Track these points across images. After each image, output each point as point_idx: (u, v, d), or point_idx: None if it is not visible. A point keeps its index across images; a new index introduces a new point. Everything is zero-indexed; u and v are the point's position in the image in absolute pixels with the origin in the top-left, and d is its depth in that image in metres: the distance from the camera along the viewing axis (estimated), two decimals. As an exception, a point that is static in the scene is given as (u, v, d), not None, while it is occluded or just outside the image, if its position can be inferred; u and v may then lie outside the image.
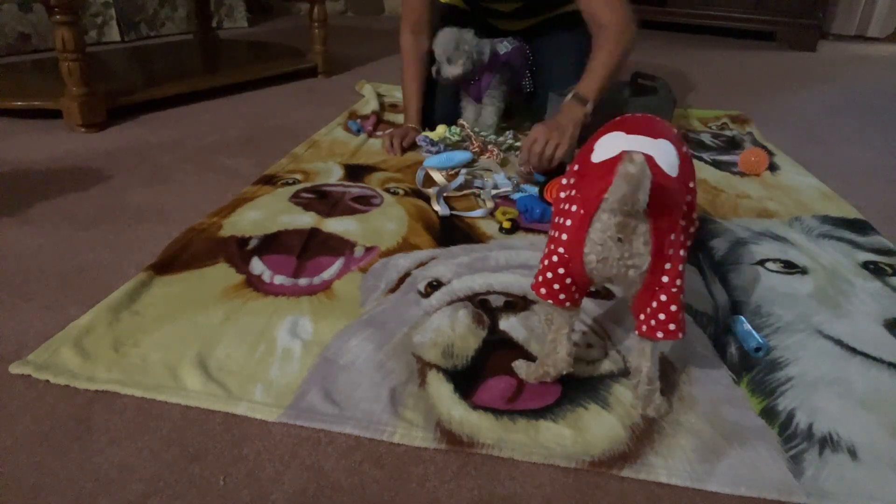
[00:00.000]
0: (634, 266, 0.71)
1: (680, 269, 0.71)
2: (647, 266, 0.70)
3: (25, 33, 2.58)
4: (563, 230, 0.72)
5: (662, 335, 0.72)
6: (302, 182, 1.41)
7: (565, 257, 0.73)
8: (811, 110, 2.25)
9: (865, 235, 1.27)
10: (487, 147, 1.57)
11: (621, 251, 0.70)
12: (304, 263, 1.08)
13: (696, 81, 2.59)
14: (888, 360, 0.90)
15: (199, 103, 1.99)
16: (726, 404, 0.80)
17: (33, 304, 0.95)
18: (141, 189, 1.36)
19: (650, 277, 0.71)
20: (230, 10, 3.35)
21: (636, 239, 0.69)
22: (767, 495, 0.67)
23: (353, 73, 2.48)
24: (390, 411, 0.76)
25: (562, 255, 0.73)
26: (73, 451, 0.70)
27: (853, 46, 3.57)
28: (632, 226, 0.68)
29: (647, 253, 0.70)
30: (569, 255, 0.72)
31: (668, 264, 0.70)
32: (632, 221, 0.68)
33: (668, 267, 0.70)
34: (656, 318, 0.72)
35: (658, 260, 0.70)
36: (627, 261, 0.70)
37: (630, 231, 0.69)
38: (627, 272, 0.71)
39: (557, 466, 0.70)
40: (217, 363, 0.83)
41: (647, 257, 0.70)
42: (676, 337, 0.72)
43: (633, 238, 0.69)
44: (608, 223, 0.69)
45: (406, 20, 1.63)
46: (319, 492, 0.66)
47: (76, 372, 0.80)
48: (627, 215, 0.68)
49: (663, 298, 0.71)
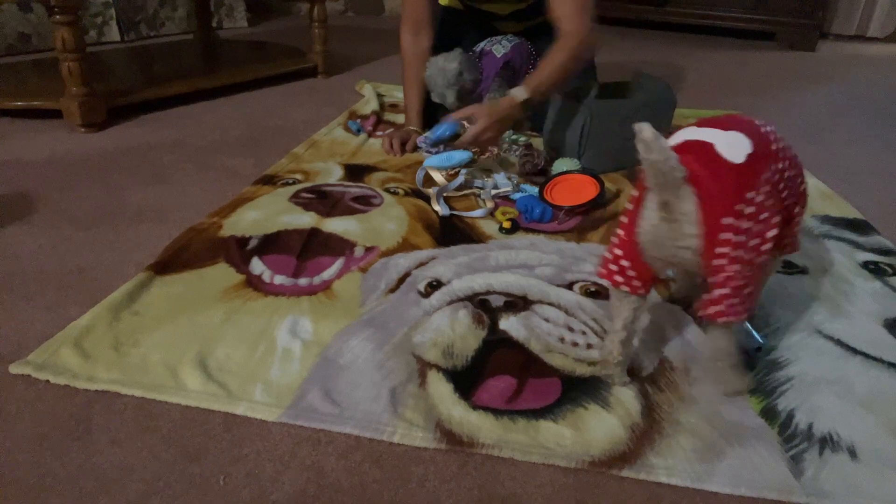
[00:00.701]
0: (686, 248, 0.72)
1: (740, 255, 0.70)
2: (698, 248, 0.71)
3: (25, 33, 2.58)
4: (625, 214, 0.76)
5: (712, 315, 0.73)
6: (302, 182, 1.41)
7: (625, 240, 0.76)
8: (811, 110, 2.25)
9: (865, 235, 1.27)
10: (487, 147, 1.57)
11: (670, 232, 0.72)
12: (304, 263, 1.08)
13: (696, 81, 2.59)
14: (888, 360, 0.90)
15: (199, 103, 1.99)
16: (726, 404, 0.80)
17: (33, 304, 0.95)
18: (141, 189, 1.36)
19: (706, 260, 0.71)
20: (230, 10, 3.34)
21: (682, 219, 0.71)
22: (767, 495, 0.67)
23: (353, 73, 2.48)
24: (390, 411, 0.76)
25: (621, 237, 0.77)
26: (73, 451, 0.70)
27: (853, 46, 3.57)
28: (675, 205, 0.70)
29: (696, 235, 0.70)
30: (626, 237, 0.76)
31: (722, 248, 0.70)
32: (673, 199, 0.70)
33: (722, 251, 0.70)
34: (711, 298, 0.73)
35: (709, 243, 0.70)
36: (676, 242, 0.72)
37: (675, 211, 0.70)
38: (680, 254, 0.73)
39: (557, 466, 0.70)
40: (217, 363, 0.83)
41: (697, 239, 0.70)
42: (721, 317, 0.72)
43: (680, 218, 0.71)
44: (653, 202, 0.71)
45: (405, 20, 1.62)
46: (319, 492, 0.66)
47: (76, 372, 0.80)
48: (664, 189, 0.69)
49: (716, 281, 0.72)
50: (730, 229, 0.70)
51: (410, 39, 1.62)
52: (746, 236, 0.71)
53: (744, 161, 0.71)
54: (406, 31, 1.62)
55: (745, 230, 0.70)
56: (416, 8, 1.60)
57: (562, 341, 0.89)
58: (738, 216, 0.70)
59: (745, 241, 0.71)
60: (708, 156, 0.71)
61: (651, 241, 0.74)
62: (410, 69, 1.62)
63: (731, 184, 0.70)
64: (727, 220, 0.70)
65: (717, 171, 0.70)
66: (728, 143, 0.72)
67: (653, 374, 0.84)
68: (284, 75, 2.30)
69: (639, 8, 3.48)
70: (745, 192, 0.71)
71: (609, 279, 0.78)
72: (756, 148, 0.73)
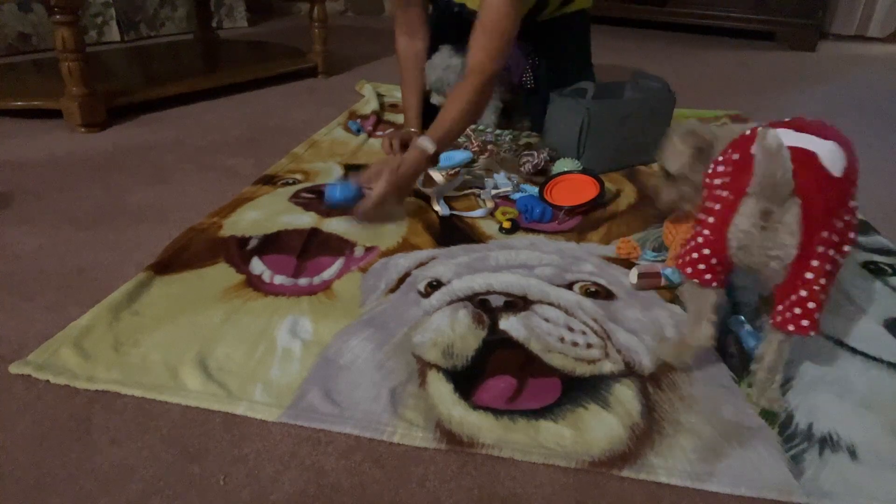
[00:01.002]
0: (777, 258, 0.72)
1: (827, 268, 0.71)
2: (790, 259, 0.71)
3: (25, 33, 2.58)
4: (713, 213, 0.75)
5: (793, 329, 0.73)
6: (302, 182, 1.41)
7: (711, 239, 0.76)
8: (811, 110, 2.25)
9: (865, 235, 1.27)
10: (487, 147, 1.57)
11: (764, 240, 0.71)
12: (304, 263, 1.08)
13: (696, 81, 2.59)
14: (888, 360, 0.90)
15: (199, 103, 1.99)
16: (726, 404, 0.80)
17: (33, 304, 0.95)
18: (141, 189, 1.36)
19: (794, 270, 0.72)
20: (230, 10, 3.34)
21: (781, 229, 0.70)
22: (767, 495, 0.67)
23: (353, 73, 2.48)
24: (390, 411, 0.76)
25: (707, 237, 0.76)
26: (73, 451, 0.70)
27: (853, 46, 3.57)
28: (777, 214, 0.70)
29: (793, 245, 0.71)
30: (714, 237, 0.75)
31: (816, 261, 0.71)
32: (777, 209, 0.70)
33: (815, 264, 0.71)
34: (792, 311, 0.73)
35: (804, 254, 0.71)
36: (769, 251, 0.72)
37: (775, 220, 0.70)
38: (769, 262, 0.72)
39: (557, 466, 0.70)
40: (217, 363, 0.83)
41: (792, 250, 0.71)
42: (807, 333, 0.73)
43: (779, 227, 0.70)
44: (753, 209, 0.71)
45: (400, 22, 1.61)
46: (319, 492, 0.66)
47: (76, 372, 0.80)
48: (771, 200, 0.69)
49: (803, 294, 0.72)
50: (825, 243, 0.71)
51: (406, 41, 1.61)
52: (835, 250, 0.72)
53: (842, 175, 0.72)
54: (401, 33, 1.61)
55: (836, 244, 0.72)
56: (410, 10, 1.59)
57: (562, 341, 0.89)
58: (833, 230, 0.71)
59: (834, 255, 0.72)
60: (814, 168, 0.71)
61: (742, 246, 0.74)
62: (407, 71, 1.62)
63: (834, 198, 0.71)
64: (825, 234, 0.71)
65: (822, 185, 0.70)
66: (830, 155, 0.72)
67: (653, 374, 0.84)
68: (284, 75, 2.30)
69: (639, 8, 3.48)
70: (841, 208, 0.72)
71: (697, 277, 0.78)
72: (848, 161, 0.74)
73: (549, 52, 1.70)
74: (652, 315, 0.97)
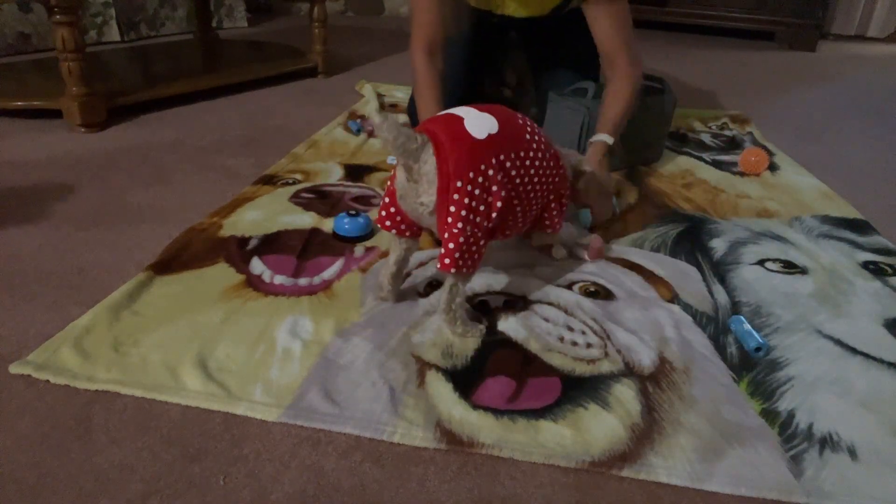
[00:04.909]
0: (423, 204, 0.85)
1: (463, 214, 0.82)
2: (432, 205, 0.84)
3: (25, 33, 2.58)
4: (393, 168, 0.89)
5: (439, 267, 0.84)
6: (302, 182, 1.41)
7: (391, 191, 0.90)
8: (811, 110, 2.25)
9: (865, 235, 1.27)
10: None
11: (412, 190, 0.85)
12: (304, 263, 1.08)
13: (696, 81, 2.59)
14: (888, 360, 0.90)
15: (199, 103, 1.99)
16: (726, 404, 0.80)
17: (33, 304, 0.95)
18: (141, 189, 1.36)
19: (438, 216, 0.84)
20: (230, 10, 3.35)
21: (422, 179, 0.83)
22: (767, 495, 0.67)
23: (353, 73, 2.48)
24: (390, 411, 0.76)
25: (389, 188, 0.90)
26: (73, 451, 0.70)
27: (853, 46, 3.57)
28: (414, 168, 0.83)
29: (432, 193, 0.83)
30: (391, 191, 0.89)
31: (453, 207, 0.82)
32: (412, 164, 0.83)
33: (452, 209, 0.82)
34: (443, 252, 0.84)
35: (442, 201, 0.82)
36: (417, 198, 0.85)
37: (414, 173, 0.83)
38: (419, 209, 0.85)
39: (557, 466, 0.70)
40: (217, 363, 0.83)
41: (432, 197, 0.83)
42: (448, 270, 0.84)
43: (421, 178, 0.83)
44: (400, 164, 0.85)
45: (419, 38, 1.41)
46: (319, 492, 0.66)
47: (76, 372, 0.80)
48: (404, 157, 0.82)
49: (445, 236, 0.83)
50: (461, 192, 0.81)
51: (425, 60, 1.40)
52: (476, 202, 0.82)
53: (484, 138, 0.84)
54: (419, 51, 1.40)
55: (475, 196, 0.82)
56: (432, 26, 1.40)
57: (561, 341, 0.89)
58: (470, 182, 0.82)
59: (476, 206, 0.82)
60: (454, 128, 0.84)
61: (400, 196, 0.87)
62: (428, 91, 1.40)
63: (467, 153, 0.82)
64: (459, 184, 0.81)
65: (457, 142, 0.82)
66: (476, 121, 0.85)
67: (653, 374, 0.84)
68: (284, 75, 2.30)
69: (639, 8, 3.48)
70: (479, 164, 0.82)
71: (380, 223, 0.92)
72: (501, 132, 0.86)
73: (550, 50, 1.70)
74: (651, 315, 0.97)
